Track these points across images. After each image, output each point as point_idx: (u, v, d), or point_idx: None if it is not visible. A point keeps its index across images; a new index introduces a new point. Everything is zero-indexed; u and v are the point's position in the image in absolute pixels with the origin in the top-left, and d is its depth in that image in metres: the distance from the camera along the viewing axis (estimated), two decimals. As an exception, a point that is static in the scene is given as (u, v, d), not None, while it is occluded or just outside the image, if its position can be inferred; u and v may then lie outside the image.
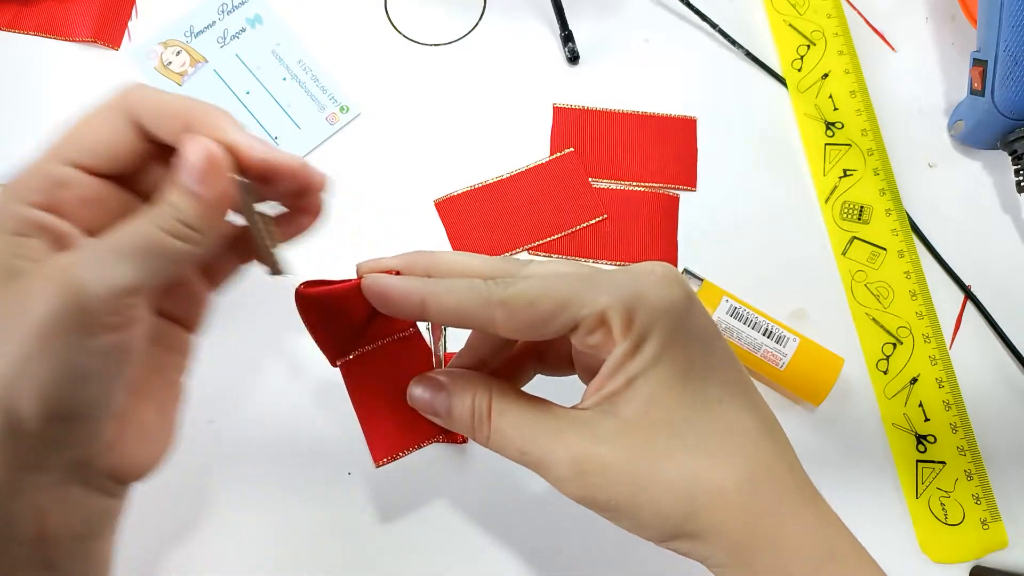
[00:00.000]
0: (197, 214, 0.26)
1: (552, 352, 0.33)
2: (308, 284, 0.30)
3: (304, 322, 0.30)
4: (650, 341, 0.26)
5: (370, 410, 0.32)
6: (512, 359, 0.33)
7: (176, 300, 0.30)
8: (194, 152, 0.26)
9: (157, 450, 0.29)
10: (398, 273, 0.29)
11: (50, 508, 0.26)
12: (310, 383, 0.42)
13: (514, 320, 0.27)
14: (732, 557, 0.26)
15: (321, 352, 0.32)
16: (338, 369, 0.32)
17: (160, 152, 0.27)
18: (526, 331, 0.27)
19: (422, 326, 0.33)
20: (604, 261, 0.45)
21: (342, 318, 0.31)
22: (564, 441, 0.27)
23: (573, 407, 0.28)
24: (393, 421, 0.32)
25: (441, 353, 0.39)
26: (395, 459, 0.32)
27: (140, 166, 0.28)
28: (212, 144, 0.26)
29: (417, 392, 0.31)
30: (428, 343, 0.33)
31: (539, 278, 0.27)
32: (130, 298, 0.25)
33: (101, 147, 0.27)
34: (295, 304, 0.30)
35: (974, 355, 0.44)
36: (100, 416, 0.26)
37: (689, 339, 0.27)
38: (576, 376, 0.32)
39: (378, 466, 0.32)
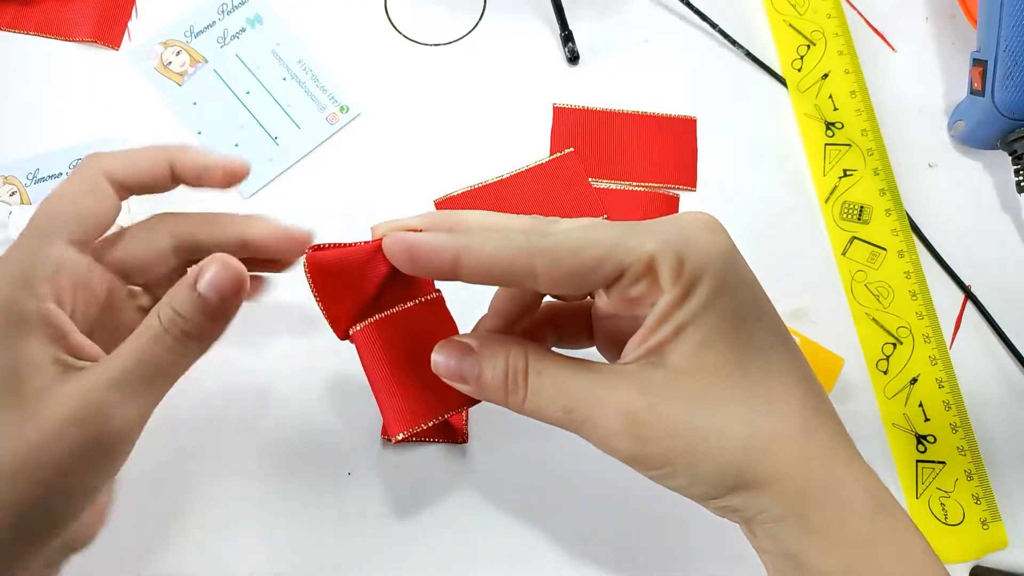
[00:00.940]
0: (210, 327, 0.27)
1: (571, 321, 0.32)
2: (317, 248, 0.28)
3: (313, 289, 0.28)
4: (701, 286, 0.25)
5: (386, 381, 0.30)
6: (529, 329, 0.32)
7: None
8: (219, 270, 0.26)
9: (99, 524, 0.30)
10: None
11: None
12: (310, 383, 0.42)
13: (557, 270, 0.25)
14: (789, 507, 0.25)
15: (328, 323, 0.30)
16: (348, 340, 0.31)
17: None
18: (567, 282, 0.26)
19: None
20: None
21: (356, 283, 0.29)
22: (613, 395, 0.26)
23: (614, 363, 0.27)
24: (412, 392, 0.30)
25: None
26: (414, 432, 0.30)
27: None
28: (236, 263, 0.27)
29: (442, 358, 0.28)
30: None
31: (580, 227, 0.26)
32: (143, 423, 0.27)
33: (88, 215, 0.28)
34: (305, 270, 0.28)
35: (974, 355, 0.44)
36: (81, 516, 0.27)
37: (738, 285, 0.26)
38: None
39: (396, 441, 0.30)
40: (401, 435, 0.30)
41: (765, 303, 0.27)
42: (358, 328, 0.29)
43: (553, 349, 0.28)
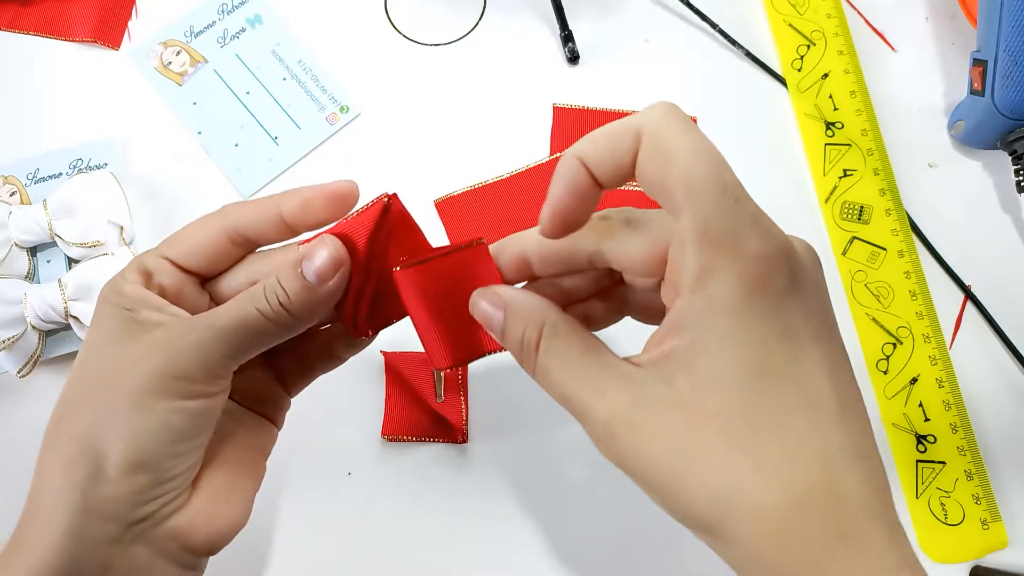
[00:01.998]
0: (301, 302, 0.28)
1: (640, 294, 0.30)
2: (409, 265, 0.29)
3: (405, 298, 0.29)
4: (723, 313, 0.23)
5: (429, 319, 0.30)
6: (601, 292, 0.31)
7: (263, 396, 0.33)
8: (324, 251, 0.28)
9: (229, 521, 0.30)
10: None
11: (115, 566, 0.27)
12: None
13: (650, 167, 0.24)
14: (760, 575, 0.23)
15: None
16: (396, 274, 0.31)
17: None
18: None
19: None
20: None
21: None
22: (606, 397, 0.24)
23: (628, 358, 0.26)
24: (456, 331, 0.30)
25: (441, 388, 0.39)
26: (459, 365, 0.30)
27: (222, 267, 0.31)
28: (340, 246, 0.28)
29: (481, 304, 0.28)
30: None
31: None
32: (221, 371, 0.28)
33: (193, 247, 0.30)
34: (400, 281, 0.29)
35: (974, 355, 0.44)
36: (175, 476, 0.28)
37: (777, 331, 0.23)
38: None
39: (443, 371, 0.31)
40: (447, 369, 0.30)
41: (820, 360, 0.24)
42: (397, 269, 0.30)
43: (581, 326, 0.27)
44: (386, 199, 0.29)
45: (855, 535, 0.22)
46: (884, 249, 0.46)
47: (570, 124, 0.48)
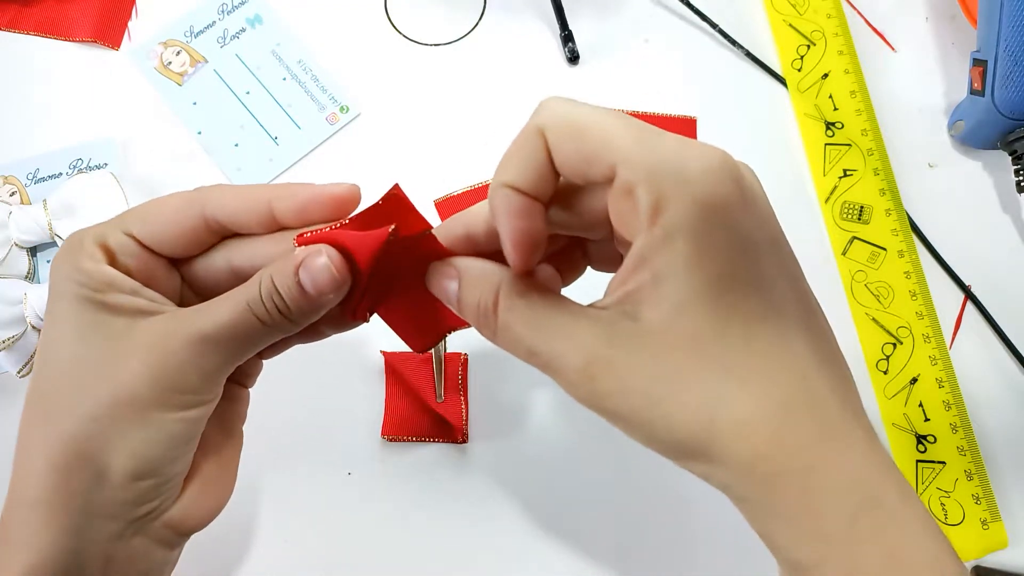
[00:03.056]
0: (300, 309, 0.27)
1: (599, 245, 0.30)
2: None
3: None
4: (680, 238, 0.23)
5: (398, 308, 0.30)
6: (560, 252, 0.30)
7: (238, 369, 0.31)
8: (323, 267, 0.26)
9: (217, 501, 0.30)
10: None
11: (116, 558, 0.27)
12: (310, 382, 0.42)
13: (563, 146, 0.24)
14: (754, 492, 0.23)
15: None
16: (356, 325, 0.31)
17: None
18: (575, 162, 0.24)
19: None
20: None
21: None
22: (576, 341, 0.24)
23: (591, 304, 0.25)
24: (421, 316, 0.30)
25: (442, 352, 0.39)
26: (431, 347, 0.30)
27: (194, 253, 0.29)
28: (340, 264, 0.26)
29: (436, 277, 0.28)
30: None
31: (602, 114, 0.24)
32: (219, 377, 0.27)
33: (165, 230, 0.28)
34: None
35: (974, 355, 0.44)
36: (174, 476, 0.28)
37: (735, 243, 0.23)
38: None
39: (421, 352, 0.30)
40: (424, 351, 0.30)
41: (778, 267, 0.24)
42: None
43: (540, 283, 0.27)
44: (390, 230, 0.27)
45: (839, 436, 0.23)
46: (884, 249, 0.46)
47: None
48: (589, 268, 0.31)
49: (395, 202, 0.28)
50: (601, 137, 0.23)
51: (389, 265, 0.28)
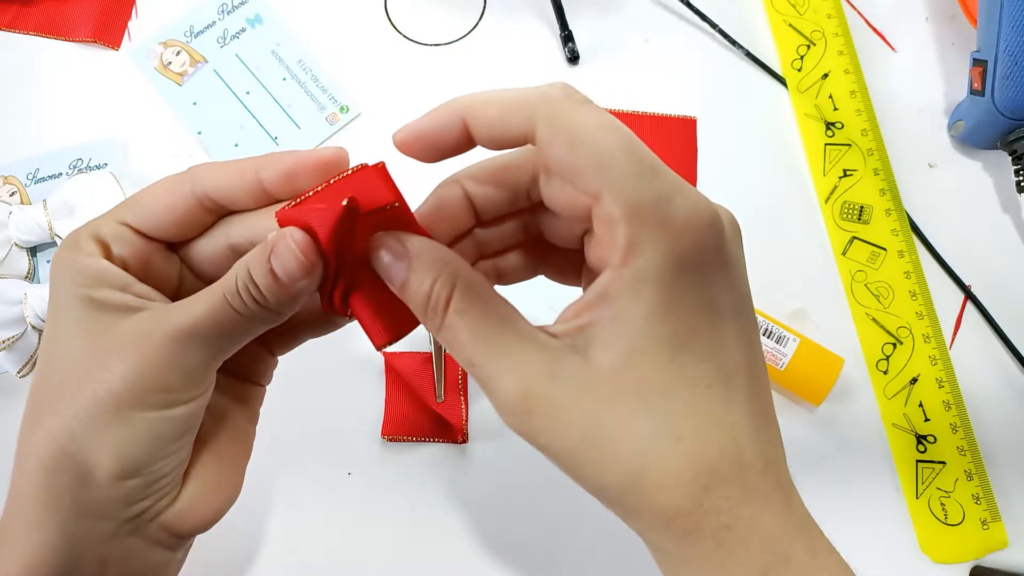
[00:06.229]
0: (276, 297, 0.25)
1: (560, 254, 0.29)
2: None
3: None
4: (649, 286, 0.22)
5: (360, 293, 0.27)
6: (516, 247, 0.30)
7: (246, 362, 0.30)
8: (286, 245, 0.24)
9: (220, 503, 0.29)
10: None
11: (111, 558, 0.26)
12: (310, 382, 0.42)
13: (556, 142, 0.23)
14: (670, 544, 0.23)
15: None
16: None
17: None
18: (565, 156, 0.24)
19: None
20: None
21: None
22: (517, 366, 0.23)
23: (542, 328, 0.24)
24: (387, 303, 0.27)
25: (442, 352, 0.39)
26: (394, 341, 0.27)
27: (192, 235, 0.28)
28: (304, 237, 0.25)
29: (380, 252, 0.26)
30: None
31: (596, 122, 0.23)
32: (203, 375, 0.26)
33: (157, 212, 0.27)
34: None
35: (974, 355, 0.44)
36: (165, 475, 0.27)
37: (700, 306, 0.23)
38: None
39: (380, 349, 0.28)
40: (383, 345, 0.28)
41: (736, 334, 0.24)
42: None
43: (492, 288, 0.25)
44: (345, 202, 0.24)
45: (758, 499, 0.23)
46: (884, 249, 0.46)
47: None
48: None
49: (374, 176, 0.26)
50: (594, 158, 0.23)
51: (357, 247, 0.26)
